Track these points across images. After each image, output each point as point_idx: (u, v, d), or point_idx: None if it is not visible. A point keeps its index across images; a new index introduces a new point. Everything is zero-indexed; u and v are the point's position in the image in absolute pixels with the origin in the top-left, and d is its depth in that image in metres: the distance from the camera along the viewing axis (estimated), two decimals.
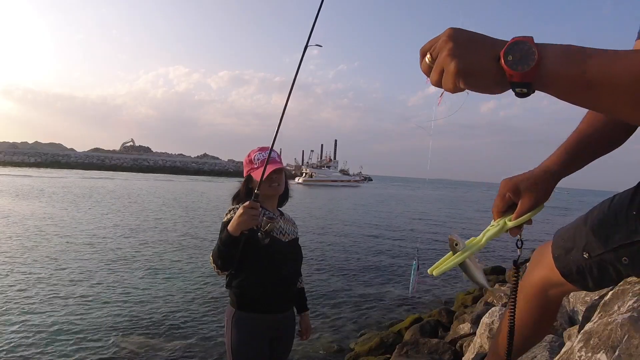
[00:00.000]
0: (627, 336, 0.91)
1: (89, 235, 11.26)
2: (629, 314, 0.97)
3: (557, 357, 1.21)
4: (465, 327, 4.49)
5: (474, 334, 3.87)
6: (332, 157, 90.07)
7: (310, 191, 43.76)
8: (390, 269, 9.17)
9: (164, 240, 11.25)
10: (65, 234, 11.26)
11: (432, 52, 0.60)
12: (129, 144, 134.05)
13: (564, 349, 1.29)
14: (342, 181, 71.19)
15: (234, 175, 72.42)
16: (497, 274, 8.04)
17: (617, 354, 0.89)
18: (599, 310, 1.18)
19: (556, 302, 1.18)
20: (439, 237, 14.44)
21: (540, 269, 1.14)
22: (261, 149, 2.05)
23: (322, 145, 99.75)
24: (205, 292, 6.80)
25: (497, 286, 6.25)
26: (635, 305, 1.00)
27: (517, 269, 0.99)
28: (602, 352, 0.94)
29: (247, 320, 1.92)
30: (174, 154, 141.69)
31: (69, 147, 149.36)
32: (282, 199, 2.15)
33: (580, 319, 2.15)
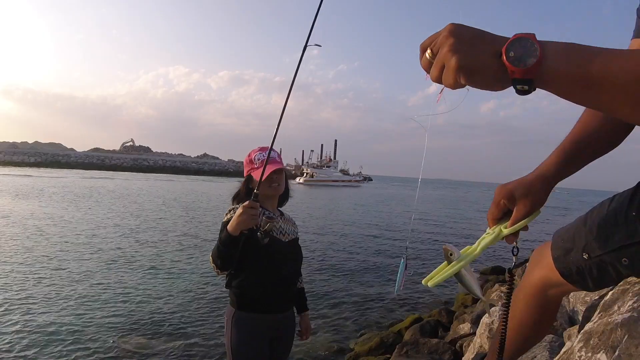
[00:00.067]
0: (627, 336, 0.91)
1: (89, 235, 11.26)
2: (629, 314, 0.97)
3: (557, 357, 1.22)
4: (465, 327, 4.49)
5: (474, 334, 3.87)
6: (332, 157, 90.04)
7: (310, 191, 43.75)
8: (390, 269, 9.16)
9: (164, 240, 11.24)
10: (65, 234, 11.26)
11: (432, 47, 0.59)
12: (129, 144, 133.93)
13: (564, 349, 1.29)
14: (343, 181, 71.20)
15: (234, 175, 72.41)
16: (497, 274, 8.03)
17: (617, 354, 0.89)
18: (599, 310, 1.18)
19: (556, 302, 1.18)
20: (439, 237, 14.46)
21: (539, 269, 1.14)
22: (261, 149, 2.05)
23: (322, 145, 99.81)
24: (205, 292, 6.80)
25: (497, 286, 6.26)
26: (635, 305, 1.00)
27: (512, 276, 0.98)
28: (602, 352, 0.94)
29: (247, 320, 1.91)
30: (174, 154, 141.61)
31: (69, 147, 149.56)
32: (283, 199, 2.15)
33: (580, 319, 2.15)
